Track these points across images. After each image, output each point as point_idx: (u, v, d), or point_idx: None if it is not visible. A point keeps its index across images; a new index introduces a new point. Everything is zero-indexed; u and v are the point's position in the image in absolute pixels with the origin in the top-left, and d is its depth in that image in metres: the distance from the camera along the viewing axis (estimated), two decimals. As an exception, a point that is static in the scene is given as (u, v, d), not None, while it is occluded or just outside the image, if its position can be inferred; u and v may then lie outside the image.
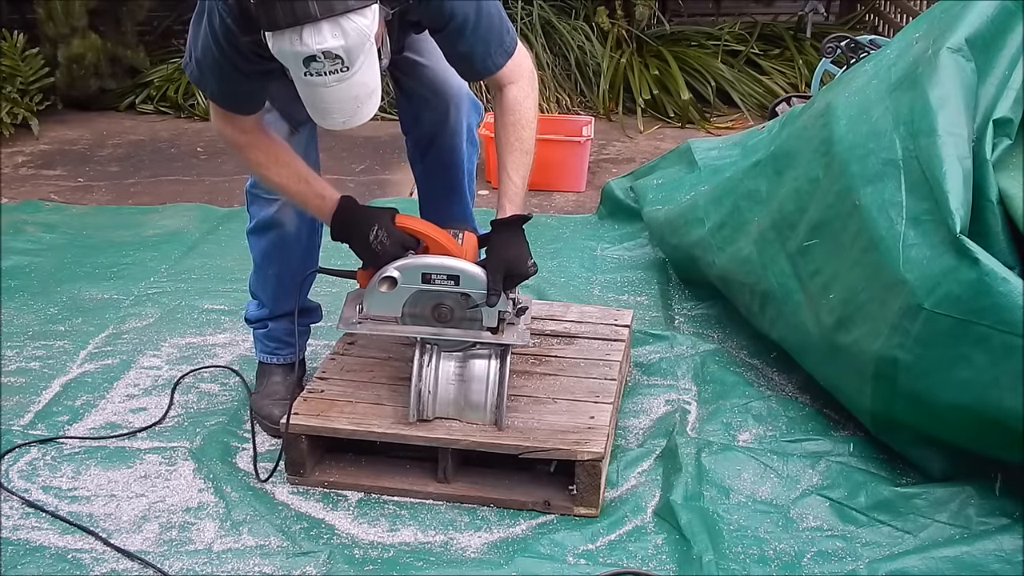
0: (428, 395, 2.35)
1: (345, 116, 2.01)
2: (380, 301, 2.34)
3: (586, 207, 4.25)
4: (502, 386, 2.34)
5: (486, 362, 2.37)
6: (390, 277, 2.30)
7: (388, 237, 2.30)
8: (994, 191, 2.28)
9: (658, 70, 5.56)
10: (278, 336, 2.72)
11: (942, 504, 2.27)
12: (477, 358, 2.38)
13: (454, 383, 2.36)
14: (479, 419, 2.35)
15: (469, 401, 2.36)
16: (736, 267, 2.93)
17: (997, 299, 2.11)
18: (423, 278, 2.31)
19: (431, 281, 2.30)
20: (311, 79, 1.94)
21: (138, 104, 5.66)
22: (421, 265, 2.31)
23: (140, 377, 2.91)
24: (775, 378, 2.85)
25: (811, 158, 2.70)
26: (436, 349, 2.38)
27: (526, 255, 2.33)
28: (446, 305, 2.34)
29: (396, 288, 2.31)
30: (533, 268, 2.33)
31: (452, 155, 2.65)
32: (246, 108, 2.31)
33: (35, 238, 3.89)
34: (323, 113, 2.02)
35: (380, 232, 2.30)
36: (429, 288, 2.31)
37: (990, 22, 2.51)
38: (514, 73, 2.37)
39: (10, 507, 2.35)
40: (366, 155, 4.90)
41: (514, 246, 2.33)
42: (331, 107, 1.99)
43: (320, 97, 1.98)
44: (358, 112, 2.02)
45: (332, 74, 1.93)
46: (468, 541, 2.25)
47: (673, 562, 2.17)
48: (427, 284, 2.31)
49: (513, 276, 2.31)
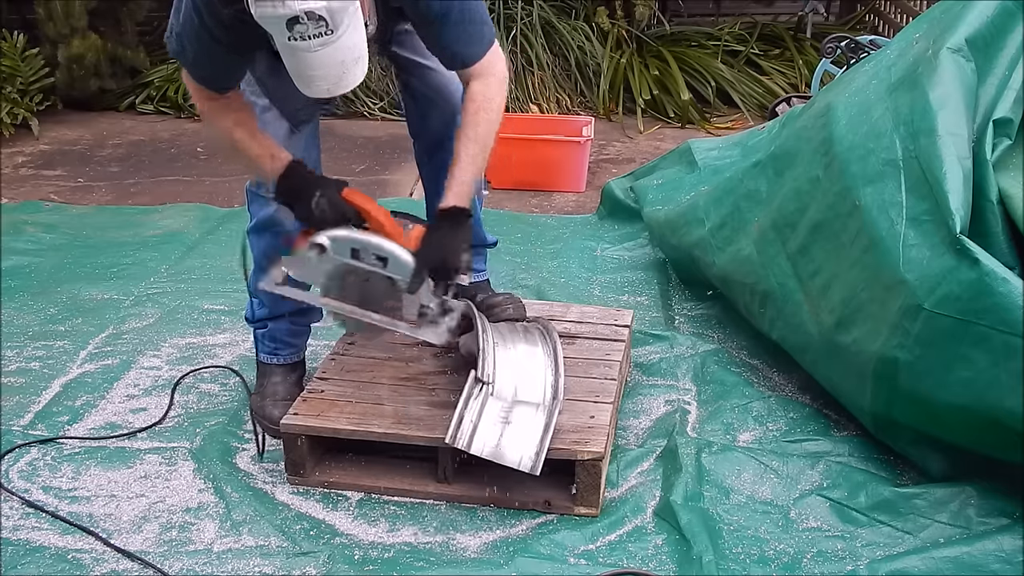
0: (470, 424, 2.28)
1: (330, 83, 1.99)
2: (307, 267, 2.30)
3: (586, 207, 4.25)
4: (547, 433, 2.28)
5: (533, 410, 2.33)
6: (320, 244, 2.25)
7: (330, 205, 2.26)
8: (994, 191, 2.28)
9: (658, 70, 5.56)
10: (278, 336, 2.72)
11: (942, 504, 2.27)
12: (524, 405, 2.34)
13: (498, 424, 2.30)
14: (514, 462, 2.25)
15: (512, 442, 2.27)
16: (736, 267, 2.93)
17: (997, 299, 2.11)
18: (352, 253, 2.25)
19: (359, 258, 2.25)
20: (295, 44, 1.92)
21: (138, 104, 5.67)
22: (352, 239, 2.25)
23: (140, 377, 2.91)
24: (775, 378, 2.85)
25: (811, 158, 2.70)
26: (488, 388, 2.34)
27: (461, 251, 2.27)
28: (370, 286, 2.28)
29: (324, 256, 2.25)
30: (467, 266, 2.27)
31: None
32: (221, 83, 2.30)
33: (35, 238, 3.89)
34: (308, 80, 2.00)
35: (323, 199, 2.26)
36: (356, 264, 2.26)
37: (990, 22, 2.51)
38: (487, 69, 2.35)
39: (10, 507, 2.35)
40: (366, 155, 4.89)
41: (451, 239, 2.27)
42: (316, 73, 1.97)
43: (305, 63, 1.95)
44: (343, 78, 2.00)
45: (316, 38, 1.91)
46: (468, 541, 2.25)
47: (673, 562, 2.18)
48: (355, 260, 2.26)
49: (442, 269, 2.26)
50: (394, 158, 4.82)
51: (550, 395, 2.39)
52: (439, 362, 2.63)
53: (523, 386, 2.40)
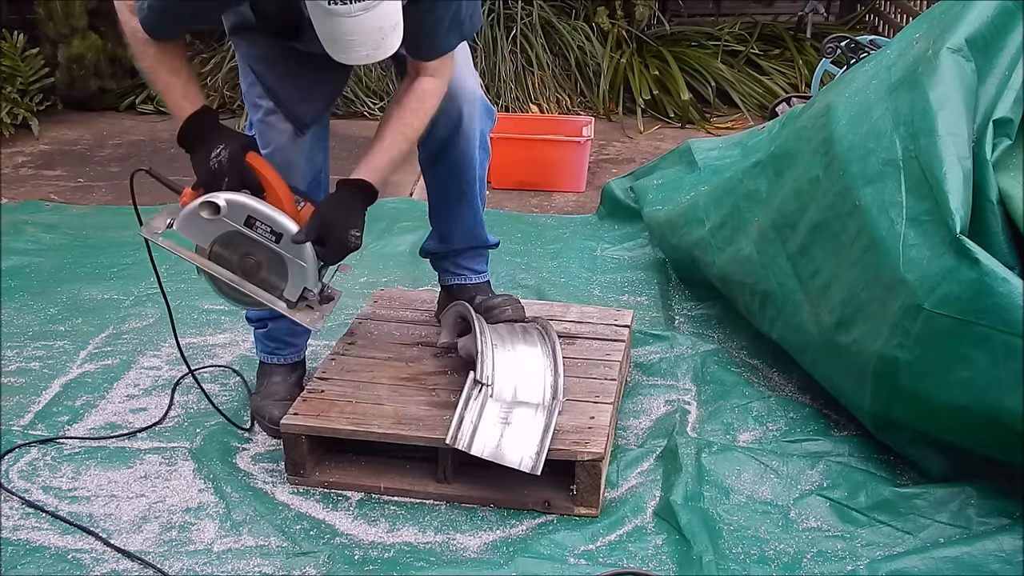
0: (470, 425, 2.28)
1: (369, 48, 1.99)
2: (195, 225, 2.21)
3: (586, 207, 4.25)
4: (547, 434, 2.28)
5: (533, 411, 2.33)
6: (215, 203, 2.17)
7: (230, 161, 2.19)
8: (994, 191, 2.28)
9: (658, 70, 5.56)
10: (278, 336, 2.72)
11: (942, 504, 2.27)
12: (524, 406, 2.35)
13: (498, 424, 2.30)
14: (515, 462, 2.24)
15: (512, 443, 2.27)
16: (736, 267, 2.93)
17: (997, 299, 2.11)
18: (247, 220, 2.18)
19: (253, 227, 2.18)
20: (335, 8, 1.92)
21: (138, 104, 5.66)
22: (251, 208, 2.18)
23: (140, 377, 2.91)
24: (775, 378, 2.85)
25: (811, 158, 2.70)
26: (487, 389, 2.34)
27: (354, 223, 2.23)
28: (255, 258, 2.23)
29: (216, 219, 2.18)
30: (356, 240, 2.23)
31: (464, 160, 2.61)
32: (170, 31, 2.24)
33: (35, 238, 3.89)
34: (346, 46, 1.99)
35: (224, 153, 2.20)
36: (247, 233, 2.19)
37: (990, 22, 2.51)
38: (440, 70, 2.35)
39: (10, 507, 2.35)
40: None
41: (346, 210, 2.25)
42: (355, 39, 1.97)
43: (345, 29, 1.96)
44: (382, 44, 2.00)
45: (357, 1, 1.92)
46: (468, 541, 2.25)
47: (673, 562, 2.17)
48: (248, 228, 2.18)
49: (331, 238, 2.22)
50: (394, 158, 4.81)
51: (550, 395, 2.40)
52: (439, 362, 2.63)
53: (523, 387, 2.40)
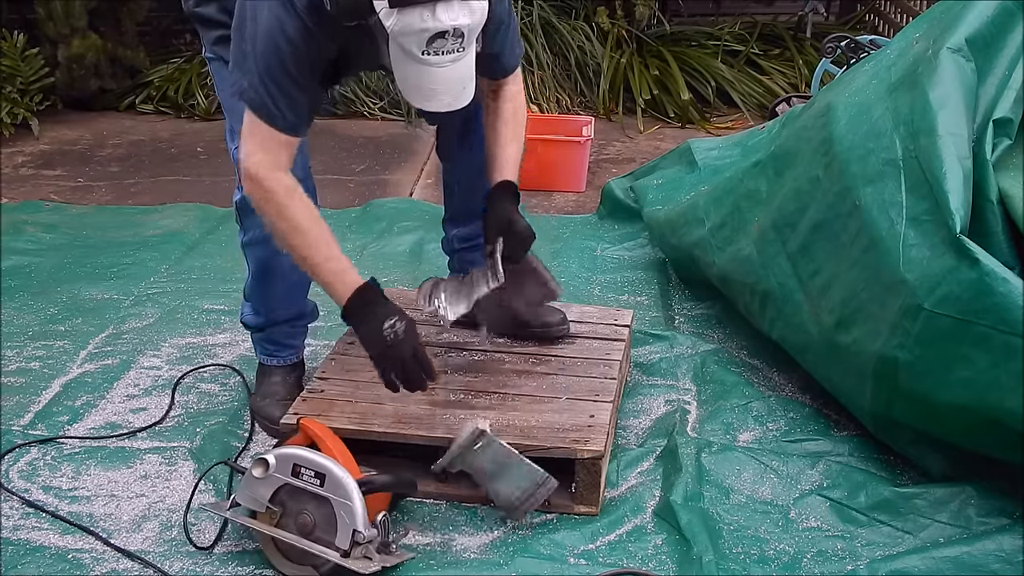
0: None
1: (451, 97, 2.03)
2: (251, 487, 2.13)
3: (586, 207, 4.25)
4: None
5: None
6: (264, 460, 2.10)
7: (406, 332, 2.24)
8: (994, 191, 2.28)
9: (658, 70, 5.56)
10: (276, 339, 2.72)
11: (942, 504, 2.27)
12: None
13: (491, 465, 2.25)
14: (507, 495, 2.23)
15: (505, 474, 2.23)
16: (736, 267, 2.93)
17: (997, 299, 2.11)
18: (293, 470, 2.10)
19: (299, 476, 2.09)
20: (427, 59, 1.95)
21: (138, 104, 5.66)
22: (296, 456, 2.11)
23: (140, 377, 2.91)
24: (775, 378, 2.85)
25: (811, 158, 2.70)
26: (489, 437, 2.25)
27: (520, 218, 2.39)
28: (307, 514, 2.10)
29: (267, 476, 2.10)
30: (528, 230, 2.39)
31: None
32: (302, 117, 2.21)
33: (35, 238, 3.89)
34: (429, 95, 2.03)
35: (400, 325, 2.22)
36: (294, 482, 2.10)
37: (990, 22, 2.51)
38: (518, 74, 2.48)
39: (10, 507, 2.35)
40: (366, 155, 4.89)
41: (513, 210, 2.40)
42: (439, 88, 2.01)
43: (432, 78, 1.99)
44: (463, 93, 2.04)
45: (450, 53, 1.95)
46: (468, 541, 2.25)
47: (673, 562, 2.17)
48: (294, 478, 2.10)
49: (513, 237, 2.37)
50: (394, 158, 4.81)
51: None
52: (439, 362, 2.62)
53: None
